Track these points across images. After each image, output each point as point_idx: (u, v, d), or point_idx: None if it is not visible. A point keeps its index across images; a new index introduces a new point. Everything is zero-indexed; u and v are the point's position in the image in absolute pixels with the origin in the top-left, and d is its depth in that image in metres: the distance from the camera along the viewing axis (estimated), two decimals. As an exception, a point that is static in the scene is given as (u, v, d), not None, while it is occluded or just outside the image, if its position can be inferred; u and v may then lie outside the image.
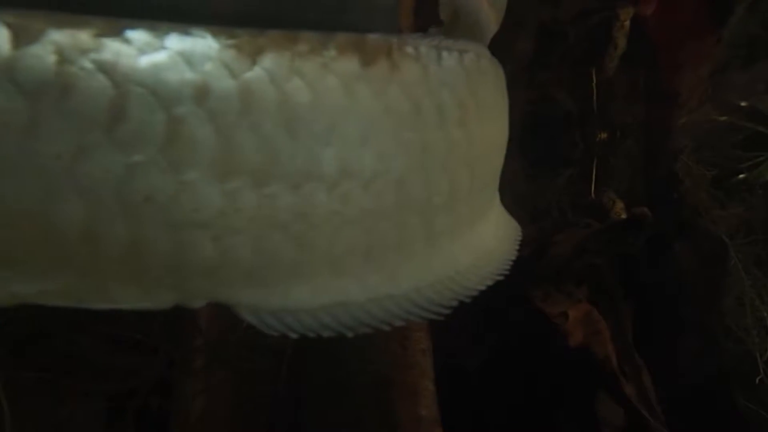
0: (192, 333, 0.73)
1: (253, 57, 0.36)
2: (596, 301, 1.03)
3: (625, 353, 1.03)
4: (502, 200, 0.58)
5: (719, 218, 1.27)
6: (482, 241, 0.50)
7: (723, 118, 1.33)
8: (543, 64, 1.11)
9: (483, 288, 0.48)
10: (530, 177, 1.12)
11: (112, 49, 0.34)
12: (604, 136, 1.18)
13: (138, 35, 0.34)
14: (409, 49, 0.42)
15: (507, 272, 0.51)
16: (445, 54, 0.43)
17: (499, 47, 0.54)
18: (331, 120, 0.38)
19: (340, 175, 0.39)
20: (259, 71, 0.36)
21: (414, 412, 0.78)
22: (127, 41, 0.34)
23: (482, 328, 1.01)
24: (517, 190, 1.09)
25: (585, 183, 1.17)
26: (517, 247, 0.54)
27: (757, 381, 1.19)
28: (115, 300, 0.37)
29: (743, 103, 1.34)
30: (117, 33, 0.34)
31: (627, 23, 1.11)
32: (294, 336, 0.41)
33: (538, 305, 1.00)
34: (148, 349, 0.69)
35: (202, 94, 0.35)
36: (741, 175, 1.33)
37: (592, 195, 1.17)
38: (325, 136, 0.38)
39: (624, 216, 1.13)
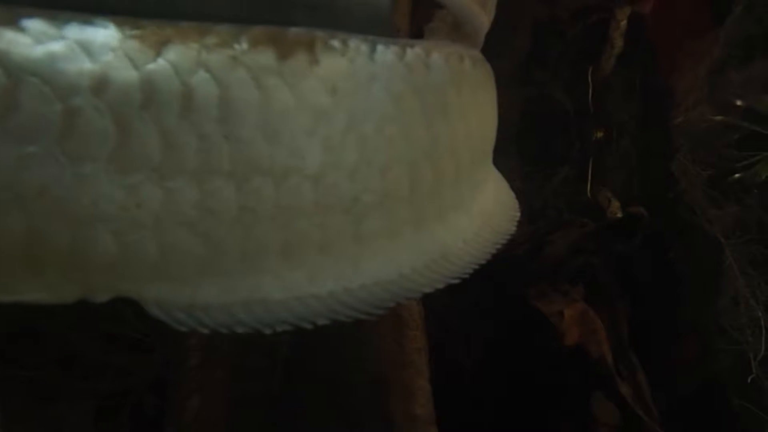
0: (187, 332, 0.73)
1: (158, 48, 0.35)
2: (592, 301, 1.04)
3: (620, 352, 1.03)
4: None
5: (715, 218, 1.27)
6: (439, 243, 0.48)
7: (719, 118, 1.33)
8: (540, 63, 1.11)
9: (430, 291, 0.46)
10: (526, 175, 1.12)
11: (6, 37, 0.33)
12: (600, 135, 1.19)
13: (34, 24, 0.34)
14: (335, 43, 0.40)
15: (466, 276, 0.49)
16: (380, 48, 0.42)
17: (496, 46, 0.54)
18: (241, 114, 0.37)
19: (249, 171, 0.38)
20: (163, 63, 0.35)
21: (409, 411, 0.78)
22: (21, 30, 0.33)
23: (478, 327, 1.01)
24: (513, 189, 1.09)
25: (581, 182, 1.17)
26: (493, 251, 0.53)
27: (749, 380, 1.20)
28: (16, 292, 0.36)
29: (739, 103, 1.34)
30: (11, 22, 0.33)
31: (624, 22, 1.11)
32: (205, 331, 0.40)
33: (533, 304, 1.00)
34: (143, 348, 0.69)
35: (101, 85, 0.34)
36: (737, 175, 1.33)
37: (588, 194, 1.17)
38: (234, 131, 0.37)
39: (620, 215, 1.14)
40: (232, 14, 0.38)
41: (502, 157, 0.59)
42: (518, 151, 1.10)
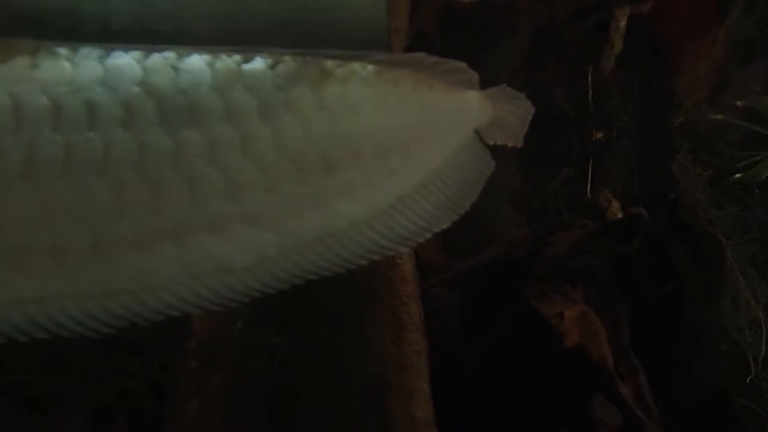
0: (185, 335, 0.73)
1: None
2: (592, 302, 1.03)
3: (620, 354, 1.03)
4: (498, 201, 0.56)
5: (716, 218, 1.27)
6: (212, 257, 0.46)
7: (719, 118, 1.33)
8: (539, 64, 1.11)
9: (178, 313, 0.45)
10: (526, 177, 1.12)
11: None
12: (600, 135, 1.18)
13: None
14: (61, 50, 0.41)
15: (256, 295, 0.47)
16: (116, 54, 0.42)
17: (495, 48, 0.54)
18: None
19: None
20: None
21: (409, 413, 0.78)
22: None
23: (477, 329, 1.01)
24: (513, 190, 1.09)
25: (581, 183, 1.17)
26: (318, 273, 0.49)
27: (747, 381, 1.20)
28: None
29: (740, 103, 1.34)
30: None
31: (623, 23, 1.11)
32: None
33: (533, 306, 1.00)
34: (141, 351, 0.69)
35: None
36: (737, 175, 1.33)
37: (588, 195, 1.17)
38: None
39: (620, 216, 1.13)
40: (230, 26, 0.38)
41: (501, 158, 0.59)
42: (518, 152, 1.09)
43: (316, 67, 0.46)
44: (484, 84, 0.57)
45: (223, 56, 0.44)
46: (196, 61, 0.44)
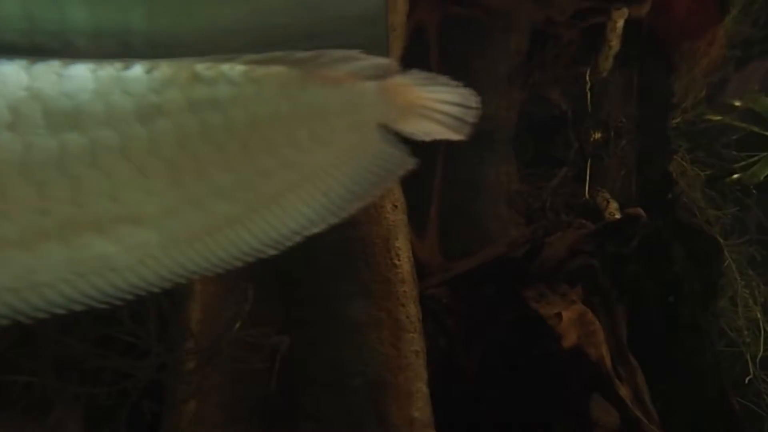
0: (183, 335, 0.73)
1: None
2: (590, 302, 1.03)
3: (619, 354, 1.03)
4: (496, 202, 0.56)
5: (713, 218, 1.28)
6: (102, 256, 0.47)
7: (717, 119, 1.33)
8: (537, 65, 1.11)
9: (80, 308, 0.46)
10: (524, 177, 1.12)
11: None
12: (598, 136, 1.18)
13: None
14: None
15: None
16: (0, 62, 0.44)
17: (493, 47, 0.54)
18: None
19: None
20: None
21: (407, 414, 0.78)
22: None
23: (476, 330, 1.01)
24: (511, 191, 1.09)
25: (579, 183, 1.17)
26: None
27: (746, 381, 1.20)
28: None
29: (738, 103, 1.35)
30: None
31: (620, 24, 1.11)
32: None
33: (532, 306, 1.00)
34: (139, 352, 0.69)
35: None
36: (735, 176, 1.34)
37: (586, 195, 1.17)
38: None
39: (618, 216, 1.13)
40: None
41: (500, 159, 0.58)
42: (516, 153, 1.09)
43: (188, 70, 0.47)
44: (483, 83, 0.56)
45: (106, 64, 0.46)
46: (80, 69, 0.45)
